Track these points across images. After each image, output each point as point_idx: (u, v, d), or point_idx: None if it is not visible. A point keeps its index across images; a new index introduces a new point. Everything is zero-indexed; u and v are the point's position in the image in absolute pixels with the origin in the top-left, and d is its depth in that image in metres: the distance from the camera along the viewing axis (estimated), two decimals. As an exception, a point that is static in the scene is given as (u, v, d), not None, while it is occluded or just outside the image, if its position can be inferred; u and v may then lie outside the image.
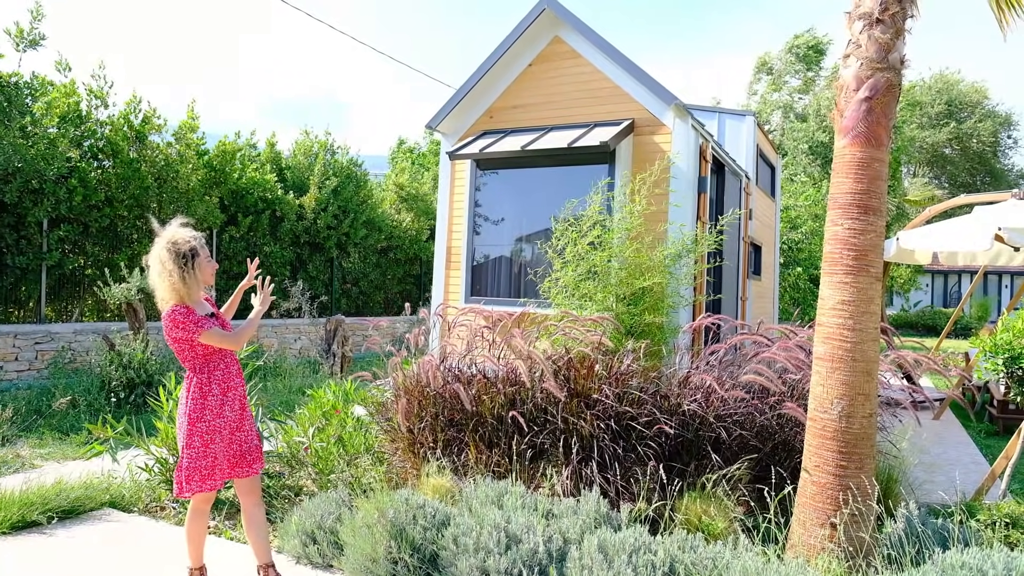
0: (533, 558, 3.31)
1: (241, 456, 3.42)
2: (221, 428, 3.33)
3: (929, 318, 25.85)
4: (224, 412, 3.35)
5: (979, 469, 6.14)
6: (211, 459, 3.31)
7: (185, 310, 3.28)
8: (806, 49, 25.43)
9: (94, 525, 4.39)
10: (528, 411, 4.50)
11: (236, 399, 3.42)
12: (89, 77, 10.94)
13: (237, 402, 3.42)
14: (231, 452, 3.37)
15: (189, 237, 3.38)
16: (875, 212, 3.67)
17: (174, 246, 3.32)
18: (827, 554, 3.43)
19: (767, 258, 11.12)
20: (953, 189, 34.01)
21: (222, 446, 3.34)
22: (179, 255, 3.30)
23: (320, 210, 14.79)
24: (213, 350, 3.36)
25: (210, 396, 3.32)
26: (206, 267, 3.41)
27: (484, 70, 7.54)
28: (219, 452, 3.33)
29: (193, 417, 3.29)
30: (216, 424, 3.32)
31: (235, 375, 3.45)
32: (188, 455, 3.28)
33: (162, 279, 3.30)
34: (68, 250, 10.64)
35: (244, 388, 3.51)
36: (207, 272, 3.43)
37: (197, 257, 3.35)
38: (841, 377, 3.61)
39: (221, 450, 3.33)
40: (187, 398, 3.33)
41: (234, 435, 3.38)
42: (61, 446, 6.19)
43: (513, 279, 7.30)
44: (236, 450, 3.40)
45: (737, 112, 10.03)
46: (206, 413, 3.31)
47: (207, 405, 3.31)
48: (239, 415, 3.42)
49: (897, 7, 3.75)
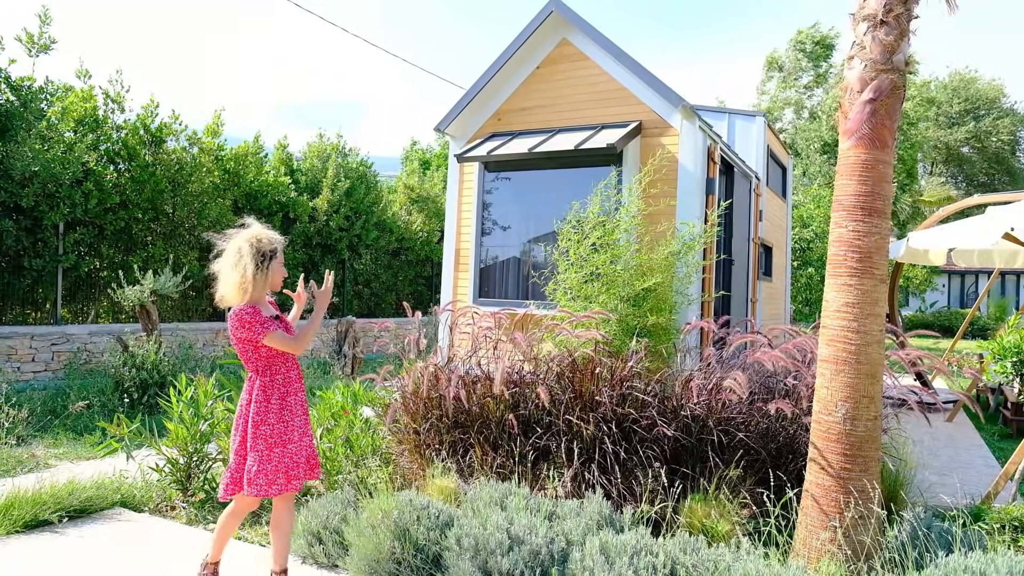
0: (535, 559, 3.33)
1: (307, 460, 3.41)
2: (285, 432, 3.31)
3: (946, 319, 25.61)
4: (284, 416, 3.33)
5: (991, 472, 6.08)
6: (279, 462, 3.28)
7: (252, 310, 3.25)
8: (812, 45, 25.27)
9: (105, 524, 4.46)
10: (531, 413, 4.52)
11: (298, 404, 3.40)
12: (106, 82, 11.11)
13: (299, 407, 3.40)
14: (301, 455, 3.35)
15: (273, 238, 3.41)
16: (879, 214, 3.65)
17: (258, 242, 3.32)
18: (829, 557, 3.42)
19: (778, 259, 11.06)
20: (970, 189, 33.65)
21: (291, 449, 3.31)
22: (259, 252, 3.30)
23: (332, 212, 14.90)
24: (276, 353, 3.33)
25: (273, 399, 3.30)
26: (277, 272, 3.40)
27: (492, 73, 7.56)
28: (290, 454, 3.31)
29: (256, 420, 3.27)
30: (279, 429, 3.30)
31: (295, 379, 3.42)
32: (255, 458, 3.25)
33: (234, 271, 3.28)
34: (84, 252, 10.79)
35: (304, 393, 3.48)
36: (277, 277, 3.42)
37: (274, 259, 3.36)
38: (845, 380, 3.59)
39: (291, 453, 3.31)
40: (249, 400, 3.32)
41: (302, 439, 3.38)
42: (75, 446, 6.28)
43: (521, 281, 7.32)
44: (306, 453, 3.39)
45: (747, 112, 9.99)
46: (270, 416, 3.29)
47: (270, 408, 3.30)
48: (302, 420, 3.41)
49: (901, 8, 3.73)
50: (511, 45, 7.45)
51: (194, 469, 4.97)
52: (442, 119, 7.90)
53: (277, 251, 3.38)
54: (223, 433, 4.91)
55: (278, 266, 3.39)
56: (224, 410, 5.01)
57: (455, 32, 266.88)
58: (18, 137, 9.14)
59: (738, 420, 4.38)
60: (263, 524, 4.51)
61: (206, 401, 5.00)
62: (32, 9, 36.68)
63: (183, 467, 4.94)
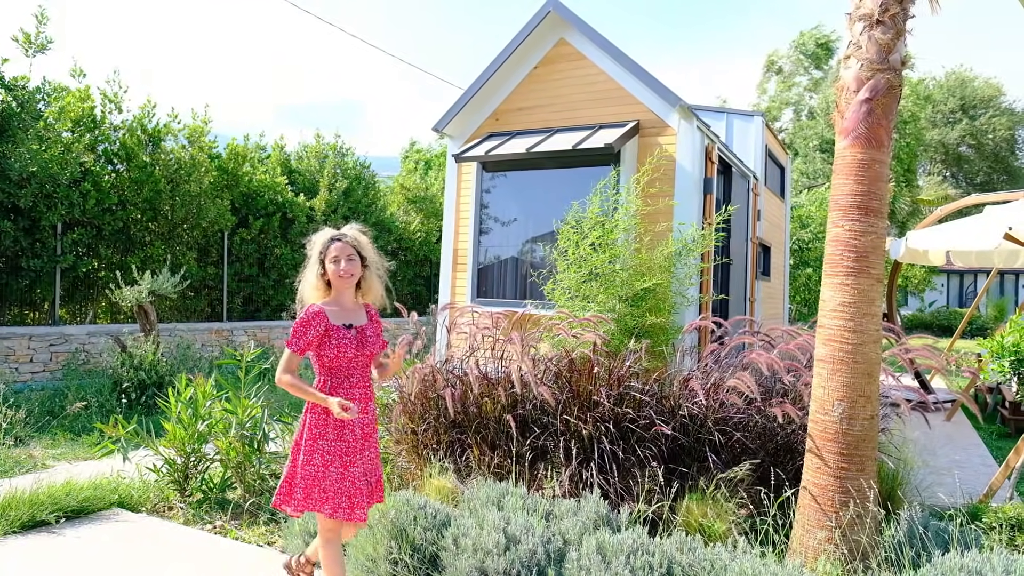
0: (532, 559, 3.33)
1: (368, 484, 3.17)
2: (334, 451, 3.06)
3: (945, 318, 25.63)
4: (330, 434, 3.08)
5: (988, 471, 6.08)
6: (322, 482, 3.05)
7: (307, 312, 3.09)
8: (814, 46, 25.28)
9: (102, 525, 4.46)
10: (529, 412, 4.52)
11: (355, 423, 3.11)
12: (104, 82, 11.10)
13: (358, 428, 3.13)
14: (357, 478, 3.10)
15: (327, 237, 3.23)
16: (876, 213, 3.66)
17: (318, 240, 3.22)
18: (826, 557, 3.42)
19: (776, 259, 11.06)
20: (969, 188, 33.67)
21: (340, 471, 3.07)
22: (318, 250, 3.19)
23: (330, 212, 14.89)
24: (334, 362, 3.11)
25: (330, 415, 3.06)
26: (333, 274, 3.15)
27: (490, 73, 7.56)
28: (341, 477, 3.06)
29: (313, 433, 3.08)
30: (333, 446, 3.07)
31: (358, 396, 3.12)
32: (302, 473, 3.07)
33: (304, 270, 3.23)
34: (82, 253, 10.78)
35: (369, 413, 3.19)
36: (336, 280, 3.17)
37: (327, 259, 3.17)
38: (842, 379, 3.60)
39: (349, 476, 3.08)
40: (307, 409, 3.14)
41: (354, 463, 3.10)
42: (73, 447, 6.28)
43: (519, 280, 7.31)
44: (364, 477, 3.14)
45: (745, 112, 9.99)
46: (327, 431, 3.08)
47: (327, 423, 3.08)
48: (361, 442, 3.14)
49: (898, 8, 3.73)
50: (509, 45, 7.45)
51: (192, 469, 4.97)
52: (440, 119, 7.90)
53: (330, 250, 3.15)
54: (221, 433, 4.91)
55: (332, 267, 3.15)
56: (222, 410, 5.00)
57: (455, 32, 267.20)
58: (16, 138, 9.14)
59: (736, 420, 4.39)
60: (260, 524, 4.51)
61: (204, 402, 4.99)
62: (29, 9, 36.67)
63: (181, 467, 4.94)
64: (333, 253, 3.15)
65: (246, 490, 4.89)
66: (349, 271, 3.14)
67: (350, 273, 3.15)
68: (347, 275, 3.14)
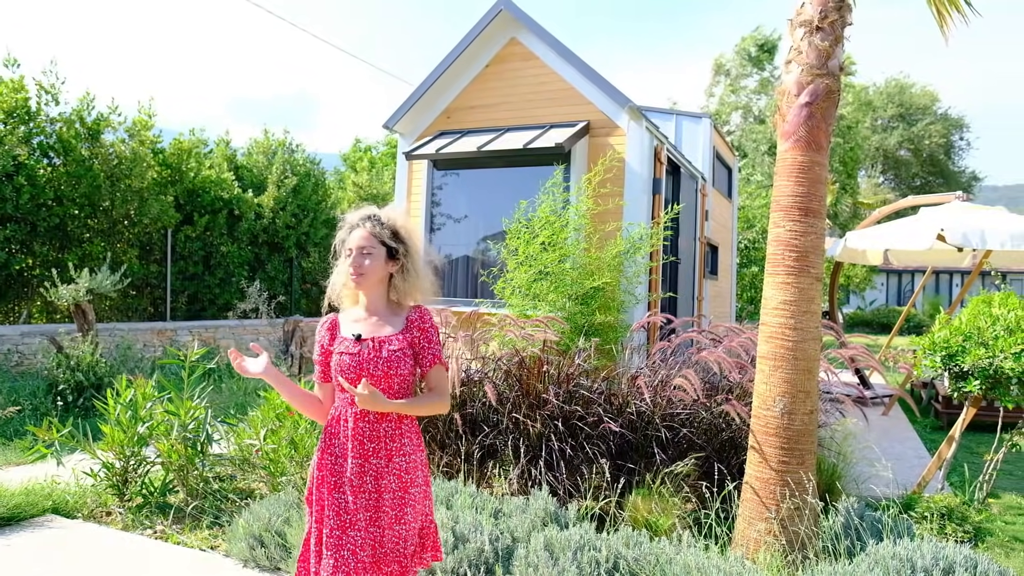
0: (479, 557, 3.33)
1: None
2: (322, 481, 2.40)
3: (884, 316, 26.55)
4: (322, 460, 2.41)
5: (922, 463, 6.33)
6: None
7: (323, 320, 2.54)
8: (757, 50, 25.86)
9: (34, 532, 4.28)
10: (478, 411, 4.51)
11: (335, 453, 2.40)
12: (40, 73, 10.67)
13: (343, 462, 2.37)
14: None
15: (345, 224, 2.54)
16: (815, 214, 3.76)
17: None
18: (766, 548, 3.51)
19: (724, 258, 11.30)
20: (906, 191, 34.97)
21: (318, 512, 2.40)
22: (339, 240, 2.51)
23: (279, 209, 14.62)
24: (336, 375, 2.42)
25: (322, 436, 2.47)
26: (343, 274, 2.47)
27: (441, 70, 7.53)
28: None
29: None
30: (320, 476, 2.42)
31: (335, 420, 2.42)
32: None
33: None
34: (15, 250, 10.35)
35: (361, 462, 2.35)
36: (348, 279, 2.46)
37: (342, 253, 2.50)
38: (783, 375, 3.69)
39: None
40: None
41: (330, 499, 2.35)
42: (3, 452, 6.02)
43: (470, 279, 7.30)
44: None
45: (694, 114, 10.18)
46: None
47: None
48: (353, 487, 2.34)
49: (836, 15, 3.85)
50: (460, 43, 7.43)
51: (131, 473, 4.82)
52: (390, 116, 7.83)
53: (347, 241, 2.45)
54: (162, 436, 4.77)
55: (344, 262, 2.47)
56: (164, 412, 4.86)
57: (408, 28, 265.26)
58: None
59: (683, 416, 4.46)
60: (203, 528, 4.40)
61: (145, 403, 4.84)
62: (-40, -5, 34.98)
63: (119, 471, 4.78)
64: (348, 244, 2.45)
65: (188, 493, 4.77)
66: (358, 270, 2.40)
67: (358, 272, 2.39)
68: (355, 275, 2.40)
